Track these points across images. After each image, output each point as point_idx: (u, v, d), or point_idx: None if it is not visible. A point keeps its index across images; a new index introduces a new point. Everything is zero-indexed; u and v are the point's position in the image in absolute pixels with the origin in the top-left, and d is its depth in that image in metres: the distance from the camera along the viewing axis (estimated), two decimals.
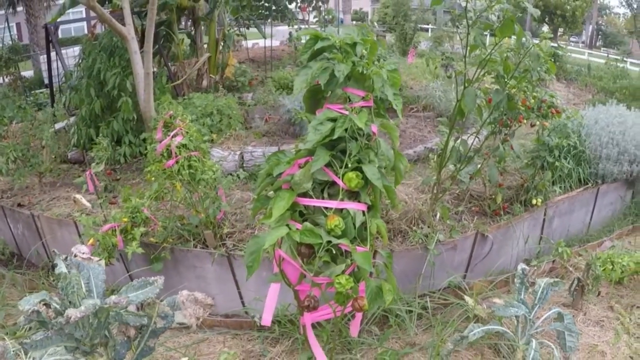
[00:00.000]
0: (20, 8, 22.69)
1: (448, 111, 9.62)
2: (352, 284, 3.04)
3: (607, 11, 53.36)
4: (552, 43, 14.96)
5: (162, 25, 10.44)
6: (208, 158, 5.54)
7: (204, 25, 11.54)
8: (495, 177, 5.80)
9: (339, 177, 3.12)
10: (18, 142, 7.54)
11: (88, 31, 9.79)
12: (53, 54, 10.28)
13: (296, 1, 16.91)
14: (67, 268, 2.92)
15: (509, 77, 5.11)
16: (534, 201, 6.28)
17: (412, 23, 17.15)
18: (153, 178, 5.26)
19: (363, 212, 3.18)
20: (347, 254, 3.13)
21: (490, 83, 5.72)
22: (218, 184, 5.51)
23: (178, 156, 5.03)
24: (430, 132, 9.35)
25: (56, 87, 10.90)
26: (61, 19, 10.19)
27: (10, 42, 20.10)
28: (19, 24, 30.64)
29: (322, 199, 3.20)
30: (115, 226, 5.00)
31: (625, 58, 19.35)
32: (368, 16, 45.43)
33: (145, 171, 5.46)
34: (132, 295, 2.94)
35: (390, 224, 5.67)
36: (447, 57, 11.92)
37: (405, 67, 12.71)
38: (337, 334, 4.27)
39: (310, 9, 17.97)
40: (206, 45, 11.53)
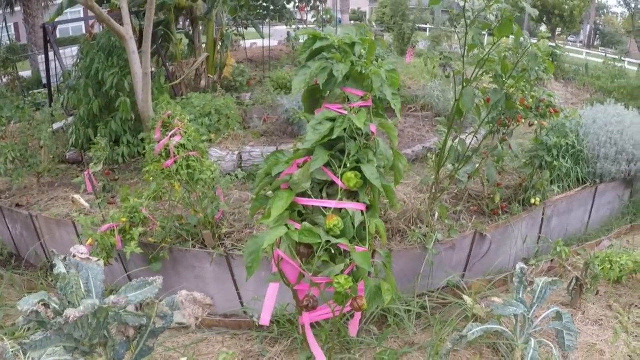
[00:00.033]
0: (18, 8, 22.66)
1: (446, 111, 9.63)
2: (351, 284, 3.04)
3: (605, 11, 53.39)
4: (550, 43, 14.95)
5: (160, 25, 10.45)
6: (206, 158, 5.55)
7: (202, 25, 11.56)
8: (493, 177, 5.81)
9: (338, 177, 3.12)
10: (16, 143, 7.52)
11: (86, 31, 9.77)
12: (51, 54, 10.26)
13: (294, 1, 16.91)
14: (66, 268, 2.92)
15: (507, 77, 5.11)
16: (533, 200, 6.28)
17: (410, 23, 17.16)
18: (151, 178, 5.26)
19: (362, 212, 3.18)
20: (346, 254, 3.13)
21: (488, 83, 5.72)
22: (216, 184, 5.51)
23: (176, 156, 5.03)
24: (428, 132, 9.36)
25: (54, 87, 10.88)
26: (59, 19, 10.16)
27: (8, 42, 20.08)
28: (17, 24, 30.61)
29: (321, 199, 3.20)
30: (113, 226, 5.00)
31: (623, 58, 19.37)
32: (366, 16, 45.47)
33: (143, 171, 5.45)
34: (131, 295, 2.93)
35: (388, 224, 5.67)
36: (446, 57, 11.95)
37: (403, 67, 12.71)
38: (336, 334, 4.27)
39: (308, 9, 17.99)
40: (204, 45, 11.54)
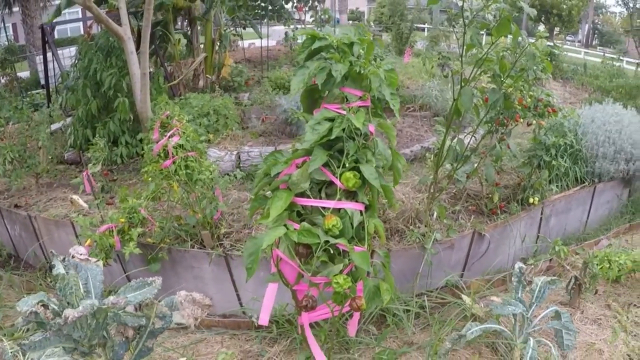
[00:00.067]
0: (16, 8, 22.65)
1: (445, 110, 9.64)
2: (350, 284, 3.04)
3: (603, 10, 53.37)
4: (548, 42, 14.97)
5: (158, 25, 10.45)
6: (205, 158, 5.55)
7: (200, 25, 11.55)
8: (491, 176, 5.81)
9: (337, 177, 3.12)
10: (15, 143, 7.52)
11: (84, 31, 9.75)
12: (49, 55, 10.26)
13: (292, 1, 16.90)
14: (65, 269, 2.91)
15: (506, 76, 5.11)
16: (531, 200, 6.28)
17: (409, 22, 17.15)
18: (150, 178, 5.25)
19: (360, 212, 3.18)
20: (345, 254, 3.12)
21: (486, 82, 5.73)
22: (215, 184, 5.51)
23: (175, 156, 5.03)
24: (427, 132, 9.36)
25: (52, 88, 10.87)
26: (57, 20, 10.13)
27: (6, 43, 20.07)
28: (15, 25, 30.61)
29: (320, 199, 3.19)
30: (112, 227, 4.99)
31: (621, 57, 19.39)
32: (364, 16, 45.52)
33: (142, 171, 5.45)
34: (130, 295, 2.93)
35: (387, 224, 5.67)
36: (444, 57, 11.94)
37: (401, 67, 12.71)
38: (335, 334, 4.27)
39: (306, 9, 17.98)
40: (202, 45, 11.53)
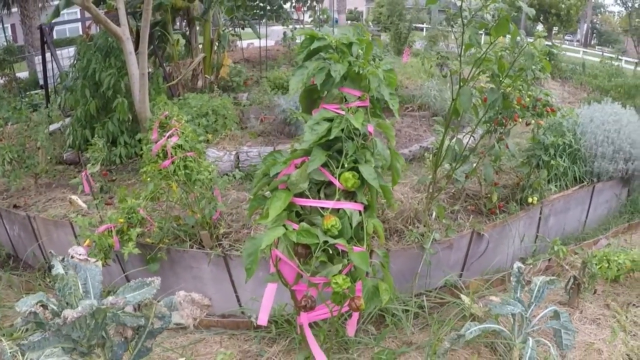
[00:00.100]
0: (15, 9, 22.63)
1: (443, 110, 9.65)
2: (349, 284, 3.04)
3: (602, 9, 53.43)
4: (547, 42, 15.00)
5: (157, 25, 10.45)
6: (204, 158, 5.55)
7: (199, 25, 11.55)
8: (490, 176, 5.81)
9: (336, 177, 3.12)
10: (13, 144, 7.52)
11: (83, 32, 9.76)
12: (48, 55, 10.25)
13: (291, 1, 16.91)
14: (64, 269, 2.91)
15: (504, 76, 5.12)
16: (530, 200, 6.28)
17: (407, 22, 17.16)
18: (149, 179, 5.25)
19: (359, 212, 3.18)
20: (344, 254, 3.13)
21: (485, 82, 5.73)
22: (214, 185, 5.50)
23: (174, 157, 5.03)
24: (425, 131, 9.36)
25: (51, 88, 10.87)
26: (56, 20, 10.15)
27: (5, 43, 20.06)
28: (14, 25, 30.57)
29: (319, 199, 3.19)
30: (111, 227, 4.99)
31: (620, 56, 19.41)
32: (363, 15, 45.52)
33: (141, 172, 5.44)
34: (129, 296, 2.93)
35: (386, 224, 5.67)
36: (442, 57, 11.96)
37: (400, 67, 12.71)
38: (334, 334, 4.27)
39: (305, 9, 17.99)
40: (201, 45, 11.53)
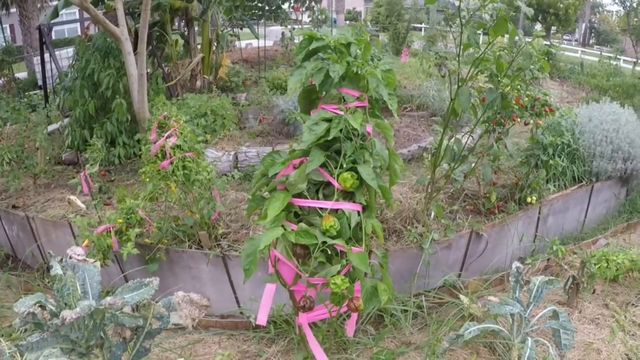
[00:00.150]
0: (13, 9, 22.63)
1: (442, 110, 9.65)
2: (348, 285, 3.05)
3: (600, 9, 53.46)
4: (545, 41, 15.04)
5: (156, 26, 10.44)
6: (202, 159, 5.54)
7: (198, 26, 11.54)
8: (489, 176, 5.81)
9: (334, 178, 3.12)
10: (12, 144, 7.51)
11: (82, 32, 9.76)
12: (47, 56, 10.25)
13: (289, 1, 16.91)
14: (63, 270, 2.91)
15: (502, 76, 5.11)
16: (529, 199, 6.28)
17: (405, 22, 17.17)
18: (147, 179, 5.25)
19: (358, 213, 3.19)
20: (343, 255, 3.13)
21: (483, 82, 5.73)
22: (212, 185, 5.50)
23: (172, 157, 5.03)
24: (424, 131, 9.37)
25: (50, 89, 10.87)
26: (55, 21, 10.14)
27: (3, 44, 20.05)
28: (13, 26, 30.58)
29: (317, 200, 3.20)
30: (110, 227, 4.99)
31: (618, 56, 19.43)
32: (361, 16, 45.50)
33: (139, 172, 5.44)
34: (128, 296, 2.93)
35: (384, 224, 5.67)
36: (441, 57, 11.95)
37: (398, 67, 12.72)
38: (333, 334, 4.27)
39: (303, 9, 17.99)
40: (200, 46, 11.52)
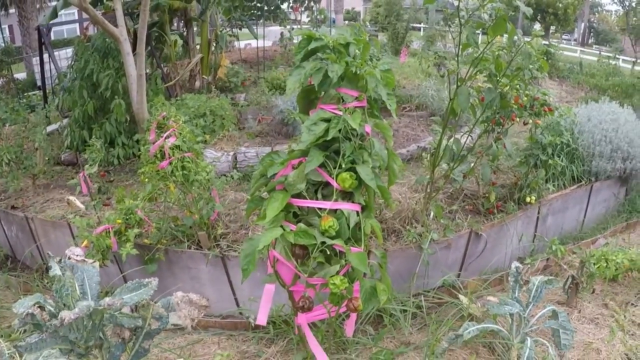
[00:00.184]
0: (12, 10, 22.62)
1: (441, 110, 9.65)
2: (347, 285, 3.05)
3: (599, 9, 53.47)
4: (544, 41, 15.01)
5: (155, 26, 10.44)
6: (201, 159, 5.54)
7: (197, 26, 11.54)
8: (488, 176, 5.81)
9: (333, 178, 3.12)
10: (11, 145, 7.50)
11: (81, 33, 9.75)
12: (46, 56, 10.24)
13: (288, 1, 16.90)
14: (62, 270, 2.91)
15: (501, 76, 5.11)
16: (528, 199, 6.28)
17: (404, 22, 17.17)
18: (147, 179, 5.25)
19: (357, 213, 3.18)
20: (342, 255, 3.13)
21: (483, 82, 5.73)
22: (211, 185, 5.50)
23: (171, 157, 5.03)
24: (423, 131, 9.37)
25: (49, 89, 10.86)
26: (54, 21, 10.14)
27: (2, 44, 20.03)
28: (12, 26, 30.59)
29: (316, 200, 3.20)
30: (109, 228, 4.98)
31: (617, 55, 19.44)
32: (360, 16, 45.49)
33: (138, 172, 5.44)
34: (127, 297, 2.93)
35: (383, 224, 5.67)
36: (440, 56, 11.96)
37: (397, 67, 12.72)
38: (332, 334, 4.27)
39: (302, 9, 17.98)
40: (198, 46, 11.52)
